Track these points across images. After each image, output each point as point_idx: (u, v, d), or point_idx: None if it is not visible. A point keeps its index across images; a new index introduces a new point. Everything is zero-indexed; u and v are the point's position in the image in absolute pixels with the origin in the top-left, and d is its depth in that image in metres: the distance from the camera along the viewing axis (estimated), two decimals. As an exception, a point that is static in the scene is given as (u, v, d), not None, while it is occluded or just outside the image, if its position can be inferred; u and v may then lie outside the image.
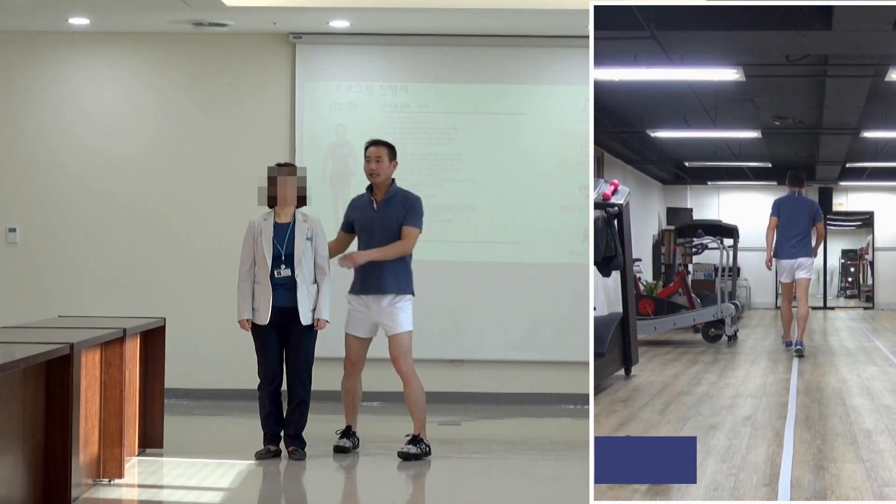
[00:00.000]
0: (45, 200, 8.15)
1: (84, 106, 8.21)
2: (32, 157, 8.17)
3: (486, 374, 8.17)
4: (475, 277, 8.17)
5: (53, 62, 8.19)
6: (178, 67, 8.26)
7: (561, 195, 8.12)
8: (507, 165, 8.16)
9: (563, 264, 8.09)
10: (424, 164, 8.12)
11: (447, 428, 7.26)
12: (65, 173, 8.18)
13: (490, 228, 8.17)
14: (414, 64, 8.17)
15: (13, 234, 8.15)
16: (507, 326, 8.15)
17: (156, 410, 6.40)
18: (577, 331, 7.76)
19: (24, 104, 8.19)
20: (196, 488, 5.58)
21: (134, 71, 8.26)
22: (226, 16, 7.56)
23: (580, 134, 8.03)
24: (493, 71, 8.15)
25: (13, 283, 8.15)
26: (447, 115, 8.17)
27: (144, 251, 8.19)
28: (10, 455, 4.35)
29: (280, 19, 7.70)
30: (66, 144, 8.19)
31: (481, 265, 8.17)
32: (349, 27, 7.93)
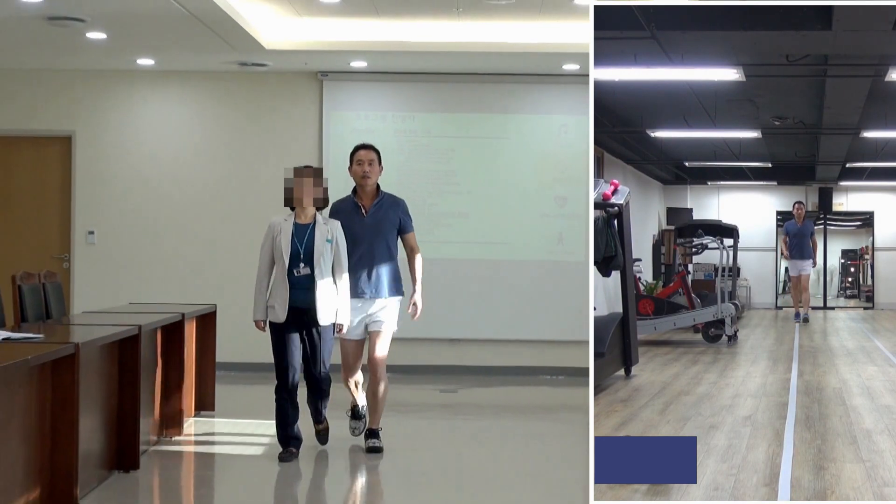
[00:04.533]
0: (117, 208, 9.86)
1: (148, 132, 9.92)
2: (106, 174, 9.89)
3: (479, 350, 9.83)
4: (470, 271, 9.85)
5: (124, 95, 9.89)
6: (226, 99, 9.95)
7: (539, 204, 9.83)
8: (495, 180, 9.86)
9: (541, 261, 9.80)
10: (428, 180, 9.82)
11: (446, 395, 8.95)
12: (132, 186, 9.89)
13: (481, 231, 9.86)
14: (420, 97, 9.87)
15: (91, 235, 9.88)
16: (496, 311, 9.82)
17: (208, 380, 7.68)
18: (554, 315, 9.68)
19: (99, 131, 9.89)
20: (241, 443, 6.77)
21: (190, 102, 9.97)
22: (266, 57, 9.16)
23: (555, 154, 9.80)
24: (483, 103, 9.85)
25: (92, 276, 9.82)
26: (447, 139, 9.87)
27: (198, 250, 9.87)
28: (91, 417, 5.30)
29: (310, 60, 9.37)
30: (133, 163, 9.90)
31: (475, 261, 9.85)
32: (367, 67, 9.59)
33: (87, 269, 9.83)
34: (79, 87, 9.87)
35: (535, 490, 5.66)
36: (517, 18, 8.42)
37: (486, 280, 9.80)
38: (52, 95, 9.87)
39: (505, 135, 9.83)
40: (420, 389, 9.05)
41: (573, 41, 8.47)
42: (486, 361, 9.79)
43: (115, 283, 9.73)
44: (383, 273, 6.20)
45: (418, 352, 9.58)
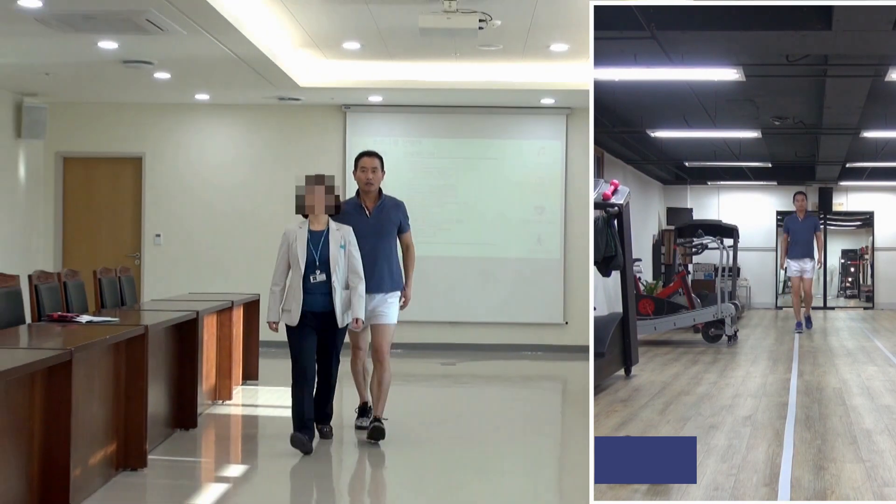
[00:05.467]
0: (179, 216, 11.92)
1: (204, 154, 11.98)
2: (170, 188, 11.94)
3: (473, 331, 11.79)
4: (465, 266, 11.77)
5: (184, 124, 11.97)
6: (266, 127, 11.94)
7: (521, 212, 11.76)
8: (485, 193, 11.80)
9: (524, 258, 11.77)
10: (432, 193, 11.66)
11: (447, 367, 10.77)
12: (191, 198, 11.94)
13: (475, 234, 11.80)
14: (425, 125, 11.87)
15: (158, 238, 11.93)
16: (487, 299, 11.76)
17: (253, 355, 9.09)
18: (534, 302, 11.70)
19: (164, 153, 11.93)
20: (280, 406, 7.85)
21: (237, 129, 12.02)
22: (299, 93, 11.02)
23: (534, 171, 11.76)
24: (476, 130, 11.83)
25: (159, 270, 11.87)
26: (446, 160, 11.84)
27: (243, 249, 11.71)
28: (158, 385, 6.49)
29: (336, 96, 11.32)
30: (191, 179, 11.95)
31: (469, 259, 11.79)
32: (382, 101, 11.54)
33: (154, 266, 11.90)
34: (148, 117, 11.91)
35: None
36: (503, 61, 10.02)
37: (478, 274, 11.75)
38: (126, 124, 11.91)
39: (493, 156, 11.80)
40: (425, 363, 10.98)
41: (549, 80, 10.50)
42: (479, 340, 11.74)
43: (177, 276, 11.65)
44: (385, 269, 6.57)
45: (423, 332, 11.52)
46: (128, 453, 5.75)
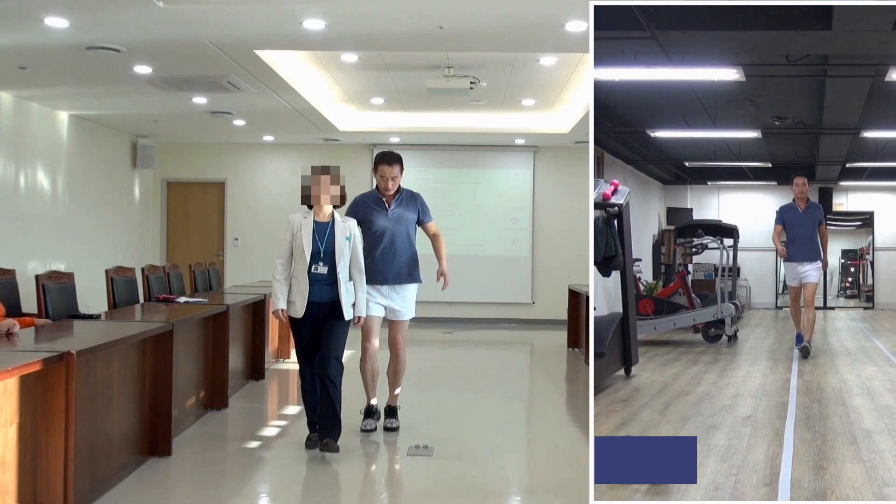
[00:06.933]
0: (251, 225, 16.54)
1: (268, 180, 16.65)
2: (244, 205, 16.65)
3: (465, 308, 16.32)
4: (460, 262, 15.14)
5: (254, 157, 16.69)
6: (314, 160, 14.96)
7: (501, 222, 16.62)
8: (474, 208, 16.54)
9: (502, 255, 16.54)
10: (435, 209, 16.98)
11: (447, 335, 14.67)
12: (259, 213, 16.52)
13: (466, 239, 16.37)
14: (431, 159, 16.46)
15: (236, 241, 16.57)
16: (475, 285, 16.20)
17: None
18: (509, 287, 16.52)
19: (241, 179, 16.72)
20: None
21: (292, 162, 16.45)
22: (339, 136, 15.37)
23: (510, 193, 16.62)
24: (467, 162, 16.50)
25: (239, 266, 16.34)
26: (446, 184, 16.46)
27: None
28: (236, 348, 8.75)
29: (365, 137, 15.69)
30: (259, 199, 16.61)
31: (464, 256, 15.97)
32: (399, 141, 15.91)
33: (233, 261, 16.44)
34: (228, 152, 16.51)
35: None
36: (488, 112, 14.10)
37: (469, 267, 16.05)
38: (213, 158, 16.53)
39: (480, 181, 16.57)
40: (430, 332, 14.75)
41: (521, 126, 14.85)
42: (470, 315, 16.34)
43: (251, 268, 15.89)
44: (403, 262, 6.78)
45: (429, 309, 14.44)
46: (214, 398, 7.78)
